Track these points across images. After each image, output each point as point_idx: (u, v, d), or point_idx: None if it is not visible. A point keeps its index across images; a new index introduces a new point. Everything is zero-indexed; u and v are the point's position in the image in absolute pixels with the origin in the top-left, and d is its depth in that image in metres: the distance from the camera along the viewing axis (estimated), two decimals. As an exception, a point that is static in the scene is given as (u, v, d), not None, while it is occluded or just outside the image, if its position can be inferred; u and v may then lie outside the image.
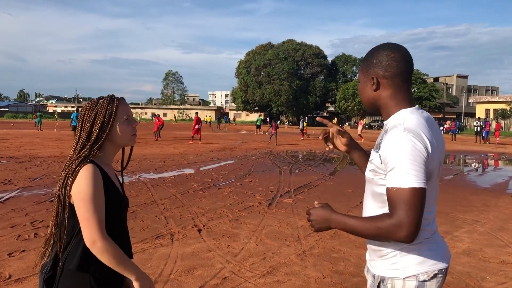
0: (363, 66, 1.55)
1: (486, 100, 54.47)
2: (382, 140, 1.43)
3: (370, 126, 54.69)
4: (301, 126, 28.63)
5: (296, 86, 62.09)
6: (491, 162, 16.26)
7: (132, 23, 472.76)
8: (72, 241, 1.53)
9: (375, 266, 1.52)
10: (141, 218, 5.62)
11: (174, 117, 75.71)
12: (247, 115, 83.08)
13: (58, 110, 78.99)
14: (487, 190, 9.08)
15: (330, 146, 1.79)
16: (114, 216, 1.60)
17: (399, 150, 1.32)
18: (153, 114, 40.70)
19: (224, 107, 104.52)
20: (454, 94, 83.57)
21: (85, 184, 1.48)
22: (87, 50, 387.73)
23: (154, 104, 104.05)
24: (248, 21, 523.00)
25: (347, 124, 61.35)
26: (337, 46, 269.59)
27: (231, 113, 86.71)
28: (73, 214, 1.52)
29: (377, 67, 1.49)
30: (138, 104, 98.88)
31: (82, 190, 1.48)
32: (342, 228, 1.43)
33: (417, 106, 1.49)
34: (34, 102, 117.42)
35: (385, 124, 1.52)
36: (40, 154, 13.44)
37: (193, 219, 5.70)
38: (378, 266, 1.50)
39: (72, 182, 1.50)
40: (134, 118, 1.71)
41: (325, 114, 74.82)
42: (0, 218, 5.43)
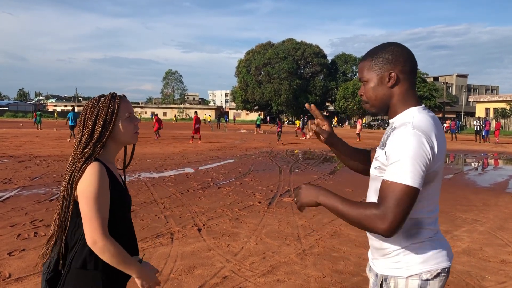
0: (376, 63, 1.47)
1: (486, 99, 54.49)
2: (388, 137, 1.42)
3: (370, 126, 54.70)
4: (301, 125, 28.91)
5: (296, 85, 62.07)
6: (491, 161, 16.27)
7: (132, 23, 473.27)
8: (78, 240, 1.52)
9: (378, 264, 1.52)
10: (141, 217, 5.62)
11: (175, 116, 75.66)
12: (247, 114, 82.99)
13: (58, 109, 78.86)
14: (487, 189, 9.09)
15: (311, 133, 1.77)
16: (120, 215, 1.59)
17: (406, 147, 1.31)
18: (152, 114, 40.71)
19: (224, 106, 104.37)
20: (454, 93, 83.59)
21: (90, 182, 1.47)
22: (87, 49, 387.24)
23: (154, 103, 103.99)
24: (248, 20, 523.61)
25: (347, 123, 61.37)
26: (337, 45, 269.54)
27: (231, 112, 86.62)
28: (77, 212, 1.51)
29: (393, 63, 1.45)
30: (138, 103, 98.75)
31: (87, 188, 1.47)
32: (329, 202, 1.41)
33: (423, 106, 1.47)
34: (34, 101, 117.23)
35: (391, 122, 1.50)
36: (40, 153, 13.42)
37: (193, 218, 5.70)
38: (381, 265, 1.50)
39: (78, 179, 1.49)
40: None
41: (325, 113, 74.79)
42: (0, 217, 5.44)
